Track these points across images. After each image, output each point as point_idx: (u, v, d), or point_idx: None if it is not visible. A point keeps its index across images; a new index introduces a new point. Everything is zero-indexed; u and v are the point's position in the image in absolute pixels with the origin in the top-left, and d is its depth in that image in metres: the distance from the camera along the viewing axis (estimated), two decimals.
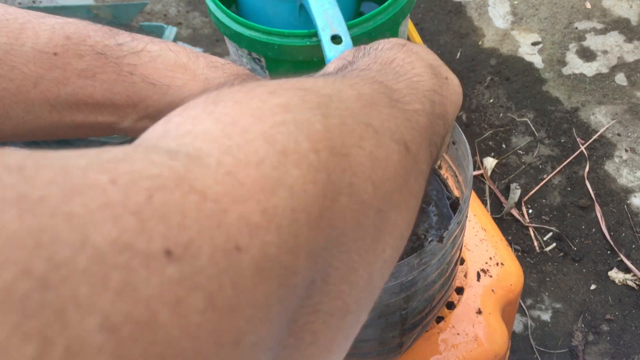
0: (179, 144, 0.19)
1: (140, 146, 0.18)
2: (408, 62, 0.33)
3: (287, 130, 0.20)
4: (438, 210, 0.56)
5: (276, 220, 0.18)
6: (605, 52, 1.53)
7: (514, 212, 1.27)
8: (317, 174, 0.20)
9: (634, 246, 1.21)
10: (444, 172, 0.57)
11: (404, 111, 0.28)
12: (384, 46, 0.36)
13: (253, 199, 0.17)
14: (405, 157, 0.26)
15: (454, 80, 0.36)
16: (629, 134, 1.37)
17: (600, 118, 1.40)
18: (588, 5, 1.63)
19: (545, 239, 1.24)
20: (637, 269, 1.17)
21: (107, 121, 0.35)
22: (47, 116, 0.33)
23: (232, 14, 0.99)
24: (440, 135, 0.33)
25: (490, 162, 1.34)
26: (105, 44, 0.34)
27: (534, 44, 1.56)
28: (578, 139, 1.37)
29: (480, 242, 0.65)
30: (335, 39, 0.87)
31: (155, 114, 0.36)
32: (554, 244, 1.23)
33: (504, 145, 1.38)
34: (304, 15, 0.99)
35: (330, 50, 0.85)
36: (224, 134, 0.19)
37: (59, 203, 0.14)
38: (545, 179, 1.32)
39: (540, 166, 1.34)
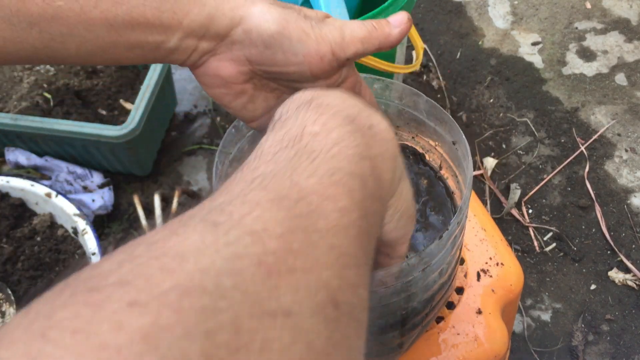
0: None
1: None
2: (321, 126, 0.29)
3: None
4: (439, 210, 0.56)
5: None
6: (605, 52, 1.53)
7: (514, 212, 1.27)
8: None
9: (634, 246, 1.21)
10: (444, 172, 0.57)
11: (327, 250, 0.25)
12: (288, 111, 0.32)
13: None
14: (336, 323, 0.24)
15: (380, 125, 0.31)
16: (629, 134, 1.37)
17: (600, 118, 1.40)
18: (588, 5, 1.63)
19: (545, 239, 1.24)
20: (637, 269, 1.17)
21: (157, 40, 0.40)
22: (105, 35, 0.38)
23: None
24: (378, 213, 0.30)
25: (490, 162, 1.34)
26: None
27: (534, 44, 1.56)
28: (578, 139, 1.37)
29: (480, 242, 0.65)
30: None
31: (198, 29, 0.40)
32: (554, 244, 1.23)
33: (504, 145, 1.38)
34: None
35: None
36: None
37: None
38: (545, 179, 1.32)
39: (540, 166, 1.34)
